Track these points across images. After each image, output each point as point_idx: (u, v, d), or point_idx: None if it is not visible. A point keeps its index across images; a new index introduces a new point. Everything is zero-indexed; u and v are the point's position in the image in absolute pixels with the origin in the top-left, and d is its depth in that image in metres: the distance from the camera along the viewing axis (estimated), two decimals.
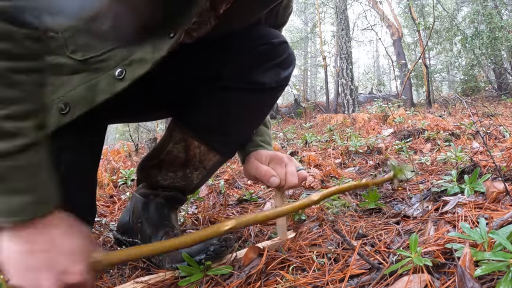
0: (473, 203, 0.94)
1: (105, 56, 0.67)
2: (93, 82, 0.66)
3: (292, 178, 0.88)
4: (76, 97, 0.66)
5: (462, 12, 13.26)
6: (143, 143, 4.96)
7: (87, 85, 0.66)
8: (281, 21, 0.99)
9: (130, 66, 0.66)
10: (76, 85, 0.66)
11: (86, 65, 0.67)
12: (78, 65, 0.67)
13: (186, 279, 0.78)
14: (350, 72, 8.09)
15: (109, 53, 0.68)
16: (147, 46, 0.67)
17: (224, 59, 0.86)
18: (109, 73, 0.66)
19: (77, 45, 0.68)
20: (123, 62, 0.67)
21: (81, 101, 0.66)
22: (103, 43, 0.68)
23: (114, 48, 0.68)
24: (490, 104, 6.55)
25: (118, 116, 1.01)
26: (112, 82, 0.66)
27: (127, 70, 0.66)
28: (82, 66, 0.67)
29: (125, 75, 0.66)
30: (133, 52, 0.67)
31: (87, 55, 0.68)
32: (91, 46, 0.68)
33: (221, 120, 0.88)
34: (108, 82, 0.66)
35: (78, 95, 0.66)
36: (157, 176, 0.94)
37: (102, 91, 0.66)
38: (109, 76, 0.66)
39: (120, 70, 0.66)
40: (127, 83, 0.66)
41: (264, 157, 0.92)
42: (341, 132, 4.07)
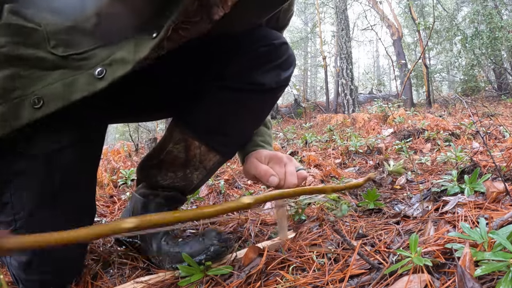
0: (473, 203, 0.94)
1: (87, 55, 0.66)
2: (71, 79, 0.65)
3: (292, 178, 0.88)
4: (51, 93, 0.64)
5: (462, 12, 13.26)
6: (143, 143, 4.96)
7: (64, 82, 0.65)
8: (282, 24, 0.99)
9: (111, 66, 0.65)
10: (53, 81, 0.65)
11: (66, 62, 0.66)
12: (58, 61, 0.66)
13: (186, 279, 0.78)
14: (350, 72, 8.09)
15: (91, 52, 0.66)
16: (129, 46, 0.66)
17: (225, 60, 0.86)
18: (88, 72, 0.65)
19: (59, 40, 0.67)
20: (104, 62, 0.65)
21: (56, 97, 0.64)
22: (85, 41, 0.67)
23: (97, 47, 0.67)
24: (490, 104, 6.55)
25: (118, 116, 1.01)
26: (92, 81, 0.64)
27: (108, 69, 0.65)
28: (62, 62, 0.66)
29: (105, 74, 0.64)
30: (114, 52, 0.66)
31: (68, 51, 0.66)
32: (74, 43, 0.67)
33: (221, 120, 0.88)
34: (87, 80, 0.65)
35: (53, 90, 0.64)
36: (157, 176, 0.94)
37: (80, 89, 0.64)
38: (88, 74, 0.65)
39: (100, 70, 0.65)
40: (106, 82, 0.64)
41: (263, 157, 0.92)
42: (341, 132, 4.07)
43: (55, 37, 0.67)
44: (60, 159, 0.71)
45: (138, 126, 6.88)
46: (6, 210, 0.71)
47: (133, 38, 0.66)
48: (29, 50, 0.66)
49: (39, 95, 0.64)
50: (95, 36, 0.67)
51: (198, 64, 0.88)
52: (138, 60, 0.64)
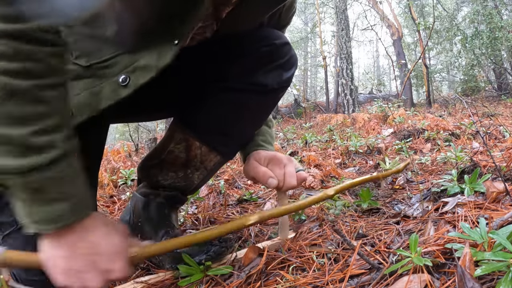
0: (473, 203, 0.94)
1: (110, 62, 0.67)
2: (97, 88, 0.66)
3: (291, 180, 0.88)
4: (80, 103, 0.66)
5: (462, 12, 13.26)
6: (143, 143, 4.96)
7: (91, 91, 0.66)
8: (284, 22, 0.99)
9: (134, 73, 0.66)
10: (80, 91, 0.67)
11: (90, 71, 0.67)
12: (83, 71, 0.68)
13: (186, 279, 0.78)
14: (350, 72, 8.09)
15: (114, 59, 0.68)
16: (151, 53, 0.67)
17: (227, 60, 0.85)
18: (113, 80, 0.66)
19: (81, 50, 0.68)
20: (127, 69, 0.66)
21: (85, 107, 0.66)
22: (107, 49, 0.68)
23: (119, 54, 0.68)
24: (490, 104, 6.55)
25: (119, 116, 1.01)
26: (116, 89, 0.66)
27: (131, 77, 0.66)
28: (87, 72, 0.67)
29: (129, 82, 0.66)
30: (137, 59, 0.67)
31: (91, 60, 0.68)
32: (96, 52, 0.68)
33: (222, 121, 0.88)
34: (112, 88, 0.66)
35: (82, 101, 0.66)
36: (157, 176, 0.94)
37: (106, 98, 0.66)
38: (113, 82, 0.66)
39: (124, 77, 0.66)
40: (131, 90, 0.66)
41: (263, 158, 0.92)
42: (341, 132, 4.07)
43: (76, 48, 0.68)
44: None
45: (138, 126, 6.87)
46: (7, 211, 0.71)
47: (154, 45, 0.67)
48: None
49: (71, 107, 0.65)
50: (115, 43, 0.68)
51: (200, 64, 0.88)
52: (161, 67, 0.65)
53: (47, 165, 0.51)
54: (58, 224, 0.53)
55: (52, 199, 0.52)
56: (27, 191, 0.51)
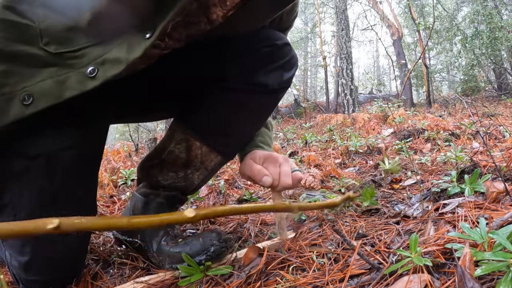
0: (473, 203, 0.94)
1: (80, 53, 0.65)
2: (63, 77, 0.64)
3: (286, 179, 0.87)
4: (42, 90, 0.64)
5: (462, 12, 13.26)
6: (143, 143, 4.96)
7: (55, 80, 0.64)
8: (286, 25, 0.99)
9: (103, 65, 0.64)
10: (44, 78, 0.64)
11: (58, 59, 0.65)
12: (50, 58, 0.65)
13: (186, 279, 0.78)
14: (350, 72, 8.09)
15: (84, 50, 0.66)
16: (122, 46, 0.65)
17: (227, 60, 0.85)
18: (80, 70, 0.64)
19: (52, 37, 0.66)
20: (96, 61, 0.64)
21: (47, 94, 0.63)
22: (79, 38, 0.66)
23: (90, 45, 0.66)
24: (490, 104, 6.55)
25: (120, 116, 1.01)
26: (83, 80, 0.64)
27: (100, 69, 0.64)
28: (54, 60, 0.65)
29: (97, 73, 0.64)
30: (107, 51, 0.65)
31: (61, 49, 0.65)
32: (67, 40, 0.66)
33: (223, 121, 0.88)
34: (78, 79, 0.64)
35: (44, 87, 0.64)
36: (158, 176, 0.94)
37: (71, 88, 0.64)
38: (80, 73, 0.64)
39: (92, 68, 0.64)
40: (98, 82, 0.63)
41: (258, 157, 0.92)
42: (341, 132, 4.07)
43: (48, 34, 0.66)
44: (61, 159, 0.71)
45: (138, 126, 6.88)
46: (7, 211, 0.71)
47: (127, 38, 0.65)
48: (21, 46, 0.65)
49: (29, 92, 0.63)
50: (88, 34, 0.66)
51: (200, 64, 0.88)
52: (132, 60, 0.63)
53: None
54: None
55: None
56: None
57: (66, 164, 0.72)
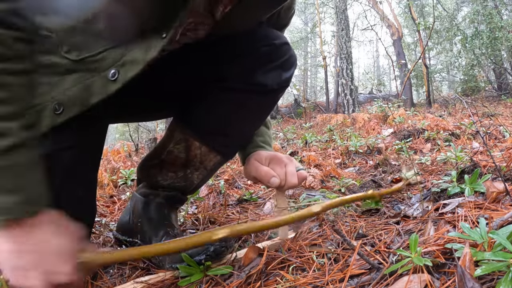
0: (473, 203, 0.94)
1: (100, 57, 0.67)
2: (88, 82, 0.65)
3: (292, 178, 0.88)
4: (70, 98, 0.65)
5: (462, 12, 13.25)
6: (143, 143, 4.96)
7: (81, 86, 0.66)
8: (283, 23, 0.99)
9: (123, 67, 0.65)
10: (70, 86, 0.66)
11: (80, 65, 0.67)
12: (73, 65, 0.67)
13: (186, 279, 0.78)
14: (350, 72, 8.09)
15: (103, 54, 0.67)
16: (139, 46, 0.66)
17: (226, 60, 0.85)
18: (103, 74, 0.66)
19: (72, 44, 0.67)
20: (117, 63, 0.66)
21: (75, 101, 0.65)
22: (97, 43, 0.67)
23: (108, 48, 0.67)
24: (490, 104, 6.55)
25: (119, 116, 1.01)
26: (106, 84, 0.65)
27: (120, 71, 0.65)
28: (77, 66, 0.67)
29: (118, 76, 0.65)
30: (126, 53, 0.66)
31: (81, 55, 0.67)
32: (86, 46, 0.67)
33: (222, 121, 0.88)
34: (102, 83, 0.65)
35: (72, 95, 0.65)
36: (157, 176, 0.94)
37: (96, 93, 0.65)
38: (103, 77, 0.66)
39: (113, 72, 0.65)
40: (120, 84, 0.65)
41: (264, 158, 0.92)
42: (341, 132, 4.07)
43: (67, 42, 0.68)
44: (61, 159, 0.71)
45: (138, 126, 6.88)
46: None
47: (142, 39, 0.67)
48: (44, 57, 0.66)
49: (59, 101, 0.65)
50: (106, 37, 0.68)
51: (199, 64, 0.88)
52: (148, 60, 0.65)
53: (0, 153, 0.50)
54: (5, 216, 0.51)
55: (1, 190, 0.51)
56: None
57: (66, 164, 0.72)
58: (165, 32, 0.65)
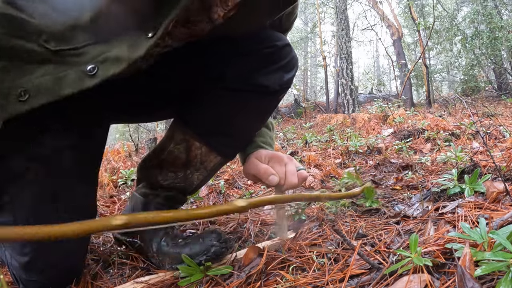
0: (473, 203, 0.94)
1: (80, 51, 0.64)
2: (61, 74, 0.63)
3: (292, 177, 0.88)
4: (39, 86, 0.62)
5: (462, 12, 13.25)
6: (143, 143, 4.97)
7: (53, 77, 0.63)
8: (285, 27, 0.99)
9: (104, 63, 0.63)
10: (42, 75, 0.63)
11: (57, 56, 0.64)
12: (50, 55, 0.64)
13: (186, 279, 0.78)
14: (350, 72, 8.08)
15: (85, 48, 0.65)
16: (124, 44, 0.64)
17: (228, 60, 0.85)
18: (79, 68, 0.63)
19: (52, 34, 0.65)
20: (97, 59, 0.63)
21: (44, 91, 0.62)
22: (79, 36, 0.65)
23: (90, 43, 0.65)
24: (490, 104, 6.55)
25: (120, 116, 1.01)
26: (82, 77, 0.62)
27: (100, 67, 0.63)
28: (54, 57, 0.64)
29: (97, 72, 0.62)
30: (108, 50, 0.64)
31: (61, 46, 0.64)
32: (67, 38, 0.65)
33: (223, 121, 0.88)
34: (78, 76, 0.63)
35: (41, 84, 0.62)
36: (157, 176, 0.94)
37: (69, 85, 0.62)
38: (79, 71, 0.63)
39: (92, 66, 0.63)
40: (97, 80, 0.62)
41: (263, 156, 0.92)
42: (341, 132, 4.07)
43: (48, 31, 0.64)
44: (61, 159, 0.71)
45: (138, 126, 6.88)
46: (7, 211, 0.71)
47: (128, 37, 0.65)
48: (19, 41, 0.63)
49: (26, 88, 0.61)
50: (89, 32, 0.65)
51: (200, 64, 0.88)
52: (133, 59, 0.62)
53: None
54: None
55: None
56: None
57: (66, 164, 0.72)
58: (152, 31, 0.63)
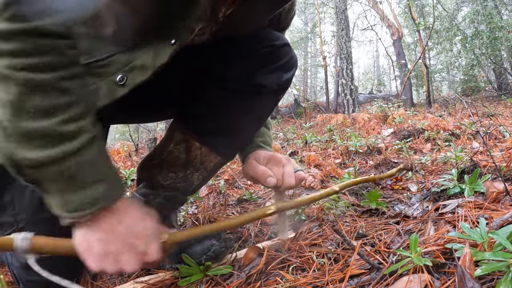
0: (473, 203, 0.94)
1: (107, 61, 0.67)
2: (94, 86, 0.66)
3: (290, 179, 0.87)
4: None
5: (462, 12, 13.25)
6: (143, 143, 4.97)
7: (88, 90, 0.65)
8: (284, 24, 0.99)
9: (131, 72, 0.66)
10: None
11: (88, 69, 0.67)
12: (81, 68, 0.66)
13: (186, 279, 0.78)
14: (350, 72, 8.08)
15: (111, 58, 0.68)
16: (148, 52, 0.67)
17: (227, 61, 0.86)
18: (110, 79, 0.66)
19: (80, 48, 0.67)
20: (124, 68, 0.67)
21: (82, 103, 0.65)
22: (105, 47, 0.68)
23: (116, 53, 0.68)
24: (490, 104, 6.55)
25: (120, 117, 1.01)
26: (113, 88, 0.66)
27: (128, 76, 0.66)
28: (84, 70, 0.66)
29: (126, 81, 0.66)
30: (134, 58, 0.67)
31: (89, 59, 0.67)
32: (93, 50, 0.68)
33: (222, 121, 0.88)
34: (109, 87, 0.66)
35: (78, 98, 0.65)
36: (157, 176, 0.94)
37: (103, 97, 0.66)
38: (110, 81, 0.66)
39: (121, 76, 0.66)
40: (127, 89, 0.66)
41: (262, 158, 0.92)
42: (341, 132, 4.07)
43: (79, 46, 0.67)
44: None
45: (138, 126, 6.88)
46: (9, 211, 0.71)
47: (151, 45, 0.67)
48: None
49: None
50: (113, 42, 0.68)
51: (200, 65, 0.88)
52: (158, 66, 0.66)
53: (82, 148, 0.54)
54: (97, 206, 0.54)
55: (88, 183, 0.54)
56: (63, 179, 0.53)
57: None
58: (174, 38, 0.66)
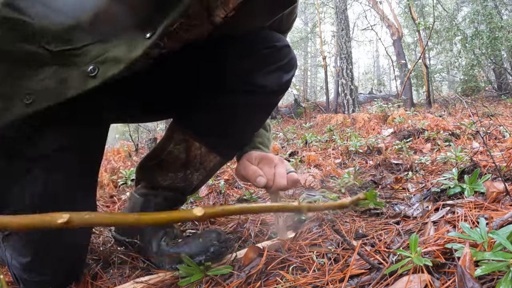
0: (473, 203, 0.94)
1: (80, 51, 0.64)
2: (63, 76, 0.63)
3: (281, 180, 0.86)
4: (43, 89, 0.62)
5: (462, 12, 13.25)
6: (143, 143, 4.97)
7: (56, 79, 0.63)
8: (285, 27, 0.99)
9: (104, 64, 0.63)
10: (45, 77, 0.63)
11: (59, 58, 0.64)
12: (51, 56, 0.64)
13: (186, 279, 0.78)
14: (350, 72, 8.08)
15: (85, 48, 0.64)
16: (122, 44, 0.64)
17: (226, 61, 0.85)
18: (81, 69, 0.63)
19: (53, 35, 0.64)
20: (97, 59, 0.63)
21: (48, 93, 0.62)
22: (79, 37, 0.65)
23: (90, 43, 0.65)
24: (490, 104, 6.55)
25: (120, 116, 1.01)
26: (84, 79, 0.62)
27: (100, 68, 0.63)
28: (55, 58, 0.64)
29: (97, 72, 0.62)
30: (108, 50, 0.64)
31: (62, 47, 0.64)
32: (67, 38, 0.64)
33: (222, 122, 0.88)
34: (80, 78, 0.63)
35: (45, 87, 0.62)
36: (157, 176, 0.94)
37: (73, 87, 0.62)
38: (81, 72, 0.63)
39: (92, 67, 0.62)
40: (98, 81, 0.62)
41: (254, 158, 0.92)
42: (341, 132, 4.07)
43: (48, 32, 0.64)
44: (61, 159, 0.71)
45: (138, 126, 6.87)
46: (8, 211, 0.71)
47: (127, 37, 0.64)
48: (20, 44, 0.63)
49: (30, 91, 0.62)
50: (88, 32, 0.65)
51: (199, 65, 0.88)
52: (131, 60, 0.62)
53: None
54: None
55: None
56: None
57: (66, 165, 0.72)
58: (150, 31, 0.63)
